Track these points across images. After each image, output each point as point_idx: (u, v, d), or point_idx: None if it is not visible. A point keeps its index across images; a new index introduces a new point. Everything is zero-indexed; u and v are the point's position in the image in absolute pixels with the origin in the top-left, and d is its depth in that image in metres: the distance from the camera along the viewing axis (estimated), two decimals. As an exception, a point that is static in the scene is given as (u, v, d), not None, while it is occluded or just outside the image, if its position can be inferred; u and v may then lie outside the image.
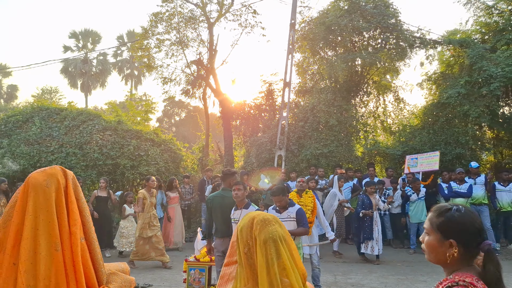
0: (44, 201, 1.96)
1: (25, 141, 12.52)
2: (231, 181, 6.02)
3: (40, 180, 1.96)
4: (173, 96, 17.39)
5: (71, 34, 35.50)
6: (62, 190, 2.06)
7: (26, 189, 1.96)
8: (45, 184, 1.96)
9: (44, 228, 1.93)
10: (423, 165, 11.33)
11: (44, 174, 2.00)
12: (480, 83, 12.15)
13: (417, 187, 10.11)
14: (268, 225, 2.00)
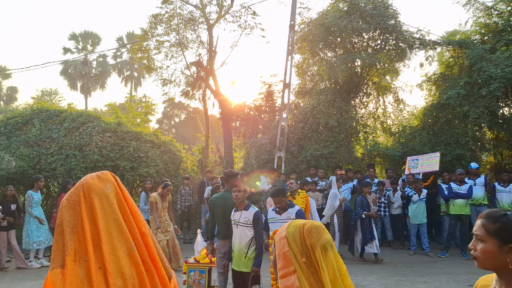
0: (109, 205, 1.99)
1: (25, 143, 12.50)
2: (233, 182, 6.00)
3: (100, 186, 1.98)
4: (173, 97, 17.39)
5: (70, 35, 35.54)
6: (120, 194, 2.10)
7: (86, 195, 1.96)
8: (106, 189, 1.99)
9: (117, 232, 1.97)
10: (424, 166, 11.33)
11: (101, 179, 2.02)
12: (480, 84, 12.15)
13: (419, 188, 10.09)
14: (324, 233, 2.01)
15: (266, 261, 5.54)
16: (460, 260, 9.47)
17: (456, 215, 9.81)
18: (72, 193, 2.02)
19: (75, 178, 12.10)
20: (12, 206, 9.08)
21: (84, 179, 2.03)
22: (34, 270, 8.76)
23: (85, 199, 1.96)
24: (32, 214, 9.03)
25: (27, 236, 9.03)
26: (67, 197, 2.01)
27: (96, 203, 1.95)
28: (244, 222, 5.37)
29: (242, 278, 5.41)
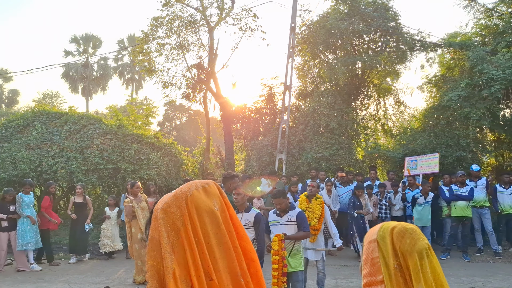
0: (217, 227, 1.69)
1: (26, 146, 12.51)
2: (231, 184, 6.01)
3: (207, 202, 1.68)
4: (174, 100, 17.40)
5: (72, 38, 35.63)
6: (226, 212, 1.77)
7: (190, 210, 1.65)
8: (213, 206, 1.69)
9: (223, 258, 1.68)
10: (423, 167, 11.31)
11: (207, 193, 1.72)
12: (481, 86, 12.14)
13: (426, 190, 10.02)
14: (419, 237, 1.74)
15: (267, 264, 5.52)
16: (461, 262, 9.45)
17: (458, 217, 9.79)
18: (172, 204, 1.67)
19: (76, 180, 12.11)
20: (11, 208, 9.09)
21: (188, 190, 1.68)
22: (35, 273, 8.75)
23: (189, 215, 1.65)
24: (24, 214, 9.07)
25: (21, 237, 9.04)
26: (165, 207, 1.67)
27: (202, 222, 1.65)
28: (245, 224, 5.36)
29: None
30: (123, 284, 7.86)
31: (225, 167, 14.50)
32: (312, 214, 6.57)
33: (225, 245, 1.69)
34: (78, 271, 8.88)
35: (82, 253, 10.02)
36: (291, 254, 5.57)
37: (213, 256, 1.65)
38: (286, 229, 5.57)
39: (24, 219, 9.09)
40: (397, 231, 1.72)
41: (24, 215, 9.06)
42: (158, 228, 1.66)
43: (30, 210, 9.26)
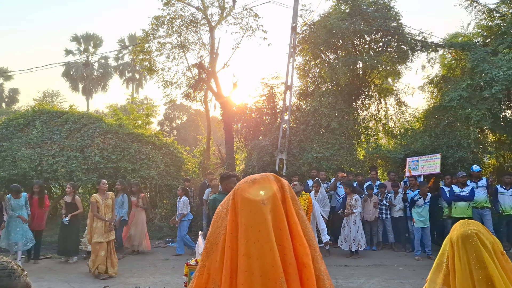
0: (261, 223, 1.50)
1: (26, 145, 12.51)
2: (227, 184, 6.00)
3: (253, 196, 1.51)
4: (174, 99, 17.40)
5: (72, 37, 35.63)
6: (281, 208, 1.57)
7: (236, 205, 1.54)
8: (260, 201, 1.51)
9: (262, 259, 1.47)
10: (424, 168, 11.29)
11: (257, 187, 1.56)
12: (482, 86, 12.11)
13: (425, 191, 9.99)
14: (466, 224, 1.86)
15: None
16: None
17: (458, 218, 9.75)
18: (225, 199, 1.64)
19: (76, 179, 12.11)
20: None
21: (240, 182, 1.61)
22: (35, 272, 8.74)
23: (233, 210, 1.55)
24: (14, 215, 9.06)
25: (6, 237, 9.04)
26: (221, 203, 1.67)
27: (244, 218, 1.50)
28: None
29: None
30: (123, 283, 7.85)
31: (226, 166, 14.49)
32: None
33: (266, 244, 1.49)
34: (78, 270, 8.87)
35: (73, 254, 9.80)
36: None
37: (252, 259, 1.47)
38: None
39: (12, 220, 9.08)
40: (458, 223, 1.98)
41: (14, 215, 9.06)
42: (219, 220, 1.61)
43: (22, 212, 9.22)
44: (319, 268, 1.65)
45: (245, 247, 1.48)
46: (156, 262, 9.56)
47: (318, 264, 1.66)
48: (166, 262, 9.57)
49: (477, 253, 1.76)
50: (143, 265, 9.27)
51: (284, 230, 1.54)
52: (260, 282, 1.46)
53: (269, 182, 1.60)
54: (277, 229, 1.53)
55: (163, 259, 9.92)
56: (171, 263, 9.48)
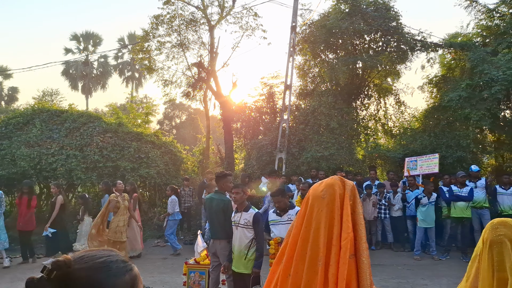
0: (317, 212, 1.91)
1: (26, 143, 12.50)
2: (223, 183, 6.01)
3: (317, 191, 1.93)
4: (174, 98, 17.40)
5: (72, 36, 35.58)
6: (337, 202, 1.95)
7: (307, 199, 1.96)
8: (321, 195, 1.92)
9: (313, 240, 1.88)
10: (423, 167, 11.28)
11: (322, 184, 1.98)
12: (481, 87, 12.12)
13: (430, 190, 9.97)
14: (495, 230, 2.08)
15: (266, 263, 5.52)
16: (461, 263, 9.44)
17: (457, 217, 9.78)
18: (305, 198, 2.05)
19: (75, 178, 12.11)
20: None
21: (313, 186, 2.00)
22: (35, 270, 8.75)
23: (305, 204, 1.96)
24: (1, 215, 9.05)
25: None
26: None
27: (308, 208, 1.93)
28: (244, 224, 5.36)
29: (242, 280, 5.40)
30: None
31: (225, 166, 14.50)
32: None
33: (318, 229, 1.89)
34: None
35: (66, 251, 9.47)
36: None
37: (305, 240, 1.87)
38: (286, 229, 5.55)
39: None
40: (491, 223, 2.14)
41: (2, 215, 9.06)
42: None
43: None
44: (361, 253, 1.96)
45: (304, 232, 1.89)
46: (155, 261, 9.57)
47: (362, 249, 1.96)
48: (165, 261, 9.58)
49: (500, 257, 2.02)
50: (142, 264, 9.27)
51: (336, 219, 1.91)
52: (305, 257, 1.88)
53: (332, 181, 1.99)
54: (331, 218, 1.91)
55: (162, 258, 9.93)
56: (170, 262, 9.49)
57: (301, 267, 1.87)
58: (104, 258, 1.16)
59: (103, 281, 1.12)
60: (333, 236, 1.89)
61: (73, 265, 1.12)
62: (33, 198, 9.68)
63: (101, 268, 1.13)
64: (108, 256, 1.17)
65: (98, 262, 1.15)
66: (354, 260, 1.92)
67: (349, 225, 1.92)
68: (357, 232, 1.97)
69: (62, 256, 1.14)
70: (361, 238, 1.97)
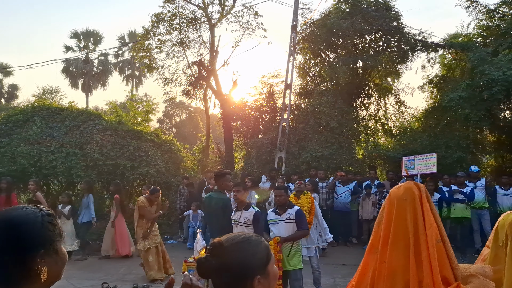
0: (403, 211, 2.34)
1: (26, 141, 12.48)
2: (222, 182, 6.01)
3: (399, 194, 2.35)
4: (174, 97, 17.40)
5: (72, 34, 35.50)
6: (417, 201, 2.40)
7: (391, 201, 2.37)
8: (403, 197, 2.34)
9: (403, 233, 2.31)
10: (421, 167, 11.22)
11: (401, 188, 2.40)
12: (482, 87, 12.11)
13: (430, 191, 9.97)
14: None
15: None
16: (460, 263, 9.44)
17: (457, 218, 9.79)
18: (387, 200, 2.46)
19: (75, 176, 12.10)
20: None
21: (394, 190, 2.45)
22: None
23: (388, 203, 2.36)
24: None
25: None
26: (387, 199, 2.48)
27: (394, 208, 2.32)
28: (244, 222, 5.37)
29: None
30: (122, 280, 7.86)
31: (225, 164, 14.50)
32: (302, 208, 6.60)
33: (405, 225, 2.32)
34: (77, 267, 8.87)
35: None
36: (290, 254, 5.56)
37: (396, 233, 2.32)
38: (285, 228, 5.57)
39: None
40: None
41: None
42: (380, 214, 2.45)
43: None
44: (445, 239, 2.43)
45: (394, 227, 2.30)
46: (154, 259, 9.55)
47: (445, 236, 2.44)
48: (164, 260, 9.56)
49: None
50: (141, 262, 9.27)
51: (419, 216, 2.35)
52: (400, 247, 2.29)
53: (410, 185, 2.40)
54: (414, 214, 2.35)
55: (161, 256, 9.91)
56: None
57: (395, 255, 2.29)
58: (243, 235, 1.60)
59: (248, 249, 1.54)
60: (419, 228, 2.33)
61: (224, 243, 1.54)
62: (12, 196, 9.19)
63: (245, 241, 1.57)
64: (245, 234, 1.63)
65: (240, 238, 1.58)
66: (441, 244, 2.39)
67: (430, 218, 2.38)
68: (438, 223, 2.46)
69: (216, 239, 1.56)
70: (442, 228, 2.47)
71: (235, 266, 1.51)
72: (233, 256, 1.52)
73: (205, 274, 1.56)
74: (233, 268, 1.51)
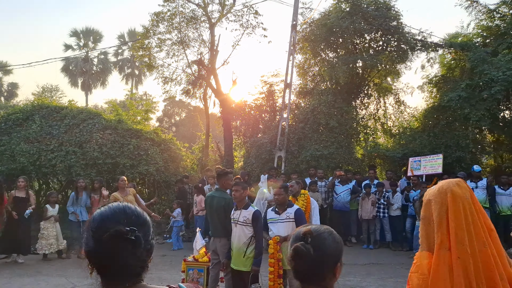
0: (469, 208, 2.40)
1: (25, 139, 12.48)
2: (225, 181, 6.01)
3: (461, 193, 2.42)
4: (174, 96, 17.38)
5: (72, 32, 35.51)
6: (473, 198, 2.49)
7: (454, 199, 2.43)
8: (465, 196, 2.41)
9: (473, 232, 2.37)
10: (427, 168, 11.26)
11: (461, 188, 2.46)
12: (481, 87, 12.13)
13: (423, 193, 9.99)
14: None
15: (265, 261, 5.53)
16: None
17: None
18: (438, 196, 2.50)
19: (74, 175, 12.09)
20: None
21: (448, 186, 2.50)
22: (34, 267, 8.76)
23: (453, 202, 2.41)
24: None
25: None
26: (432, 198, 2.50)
27: (461, 207, 2.39)
28: (243, 221, 5.37)
29: (240, 277, 5.41)
30: (121, 279, 7.86)
31: (224, 163, 14.50)
32: None
33: (474, 223, 2.38)
34: (75, 266, 8.88)
35: (23, 252, 9.26)
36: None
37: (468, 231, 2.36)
38: (284, 227, 5.57)
39: None
40: None
41: None
42: (429, 211, 2.44)
43: None
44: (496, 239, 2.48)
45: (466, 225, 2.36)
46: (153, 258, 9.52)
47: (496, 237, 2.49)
48: (163, 258, 9.59)
49: None
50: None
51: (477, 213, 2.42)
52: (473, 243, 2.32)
53: (466, 185, 2.47)
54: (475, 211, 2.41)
55: (161, 255, 9.93)
56: (169, 259, 9.50)
57: (473, 250, 2.35)
58: (321, 226, 1.82)
59: (337, 237, 1.76)
60: (481, 222, 2.43)
61: (313, 232, 1.70)
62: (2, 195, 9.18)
63: (331, 231, 1.77)
64: (321, 225, 1.84)
65: (325, 228, 1.78)
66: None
67: (485, 215, 2.48)
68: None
69: (306, 229, 1.72)
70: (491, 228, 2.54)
71: (332, 253, 1.70)
72: (329, 244, 1.70)
73: (303, 261, 1.66)
74: (330, 255, 1.69)
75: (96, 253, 1.45)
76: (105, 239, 1.37)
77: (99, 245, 1.41)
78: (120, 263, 1.43)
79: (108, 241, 1.37)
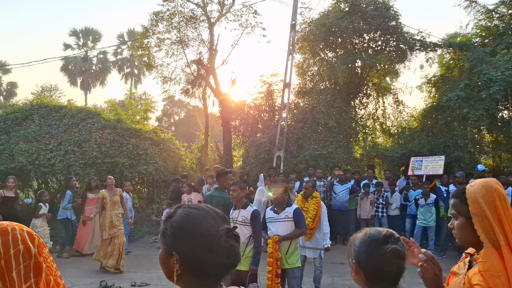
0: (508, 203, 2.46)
1: (24, 139, 12.49)
2: (224, 181, 6.03)
3: (502, 191, 2.48)
4: (173, 95, 17.40)
5: (71, 32, 35.51)
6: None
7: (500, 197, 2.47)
8: (503, 192, 2.47)
9: None
10: (428, 168, 11.27)
11: (501, 186, 2.53)
12: (480, 87, 12.14)
13: (426, 192, 10.01)
14: None
15: (264, 260, 5.54)
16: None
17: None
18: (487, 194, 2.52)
19: (73, 174, 12.09)
20: None
21: (493, 185, 2.55)
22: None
23: (499, 200, 2.45)
24: None
25: None
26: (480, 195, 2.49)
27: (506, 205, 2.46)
28: (242, 221, 5.38)
29: (239, 277, 5.42)
30: (120, 278, 7.88)
31: (223, 163, 14.51)
32: (306, 214, 6.55)
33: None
34: (74, 265, 8.89)
35: None
36: (288, 253, 5.57)
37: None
38: (283, 226, 5.58)
39: None
40: None
41: None
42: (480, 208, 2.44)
43: None
44: None
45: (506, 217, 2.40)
46: (152, 258, 9.58)
47: None
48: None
49: None
50: (139, 260, 9.30)
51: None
52: None
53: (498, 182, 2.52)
54: None
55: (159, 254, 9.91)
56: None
57: None
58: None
59: None
60: None
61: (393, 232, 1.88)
62: None
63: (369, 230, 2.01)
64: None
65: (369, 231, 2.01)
66: None
67: None
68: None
69: (385, 231, 1.91)
70: None
71: None
72: None
73: (404, 261, 1.88)
74: None
75: None
76: None
77: None
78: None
79: None
